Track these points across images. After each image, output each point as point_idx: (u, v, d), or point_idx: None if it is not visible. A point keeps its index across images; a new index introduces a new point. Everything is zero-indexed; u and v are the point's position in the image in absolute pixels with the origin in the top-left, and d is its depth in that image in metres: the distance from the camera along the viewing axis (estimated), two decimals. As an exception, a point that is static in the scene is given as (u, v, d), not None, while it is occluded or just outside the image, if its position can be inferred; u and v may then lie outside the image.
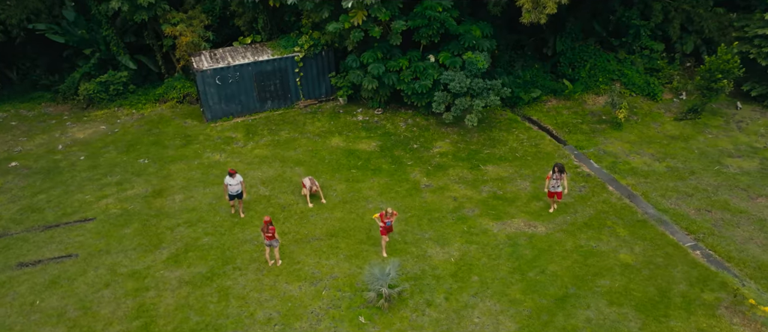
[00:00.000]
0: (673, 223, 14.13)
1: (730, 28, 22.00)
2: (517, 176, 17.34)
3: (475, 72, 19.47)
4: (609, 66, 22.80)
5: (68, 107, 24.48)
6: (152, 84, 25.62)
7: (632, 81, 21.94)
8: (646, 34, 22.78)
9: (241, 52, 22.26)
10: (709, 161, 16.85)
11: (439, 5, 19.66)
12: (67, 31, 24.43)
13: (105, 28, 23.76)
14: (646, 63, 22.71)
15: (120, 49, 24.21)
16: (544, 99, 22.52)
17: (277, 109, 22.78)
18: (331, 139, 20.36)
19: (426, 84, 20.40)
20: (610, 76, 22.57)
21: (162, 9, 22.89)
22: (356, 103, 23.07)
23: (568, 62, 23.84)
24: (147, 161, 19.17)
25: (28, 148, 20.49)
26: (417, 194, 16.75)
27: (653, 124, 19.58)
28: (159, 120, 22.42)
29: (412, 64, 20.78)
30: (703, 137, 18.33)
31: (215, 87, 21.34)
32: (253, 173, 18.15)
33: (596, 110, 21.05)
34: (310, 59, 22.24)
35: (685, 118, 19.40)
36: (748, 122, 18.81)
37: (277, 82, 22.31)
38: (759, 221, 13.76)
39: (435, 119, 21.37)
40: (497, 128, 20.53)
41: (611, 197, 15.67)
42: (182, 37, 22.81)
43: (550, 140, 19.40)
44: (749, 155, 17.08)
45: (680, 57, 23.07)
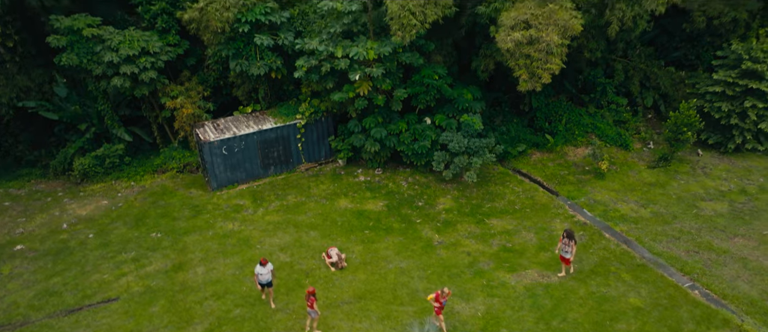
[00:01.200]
0: (669, 265, 15.91)
1: (681, 85, 25.11)
2: (521, 228, 18.82)
3: (472, 133, 21.19)
4: (582, 120, 25.24)
5: (60, 182, 24.12)
6: (146, 154, 25.72)
7: (605, 133, 24.40)
8: (612, 91, 25.55)
9: (244, 121, 23.05)
10: (687, 206, 19.06)
11: (435, 73, 21.46)
12: (60, 107, 24.39)
13: (101, 103, 23.95)
14: (614, 116, 25.35)
15: (114, 122, 24.36)
16: (529, 152, 24.52)
17: (279, 173, 23.50)
18: (338, 201, 21.24)
19: (425, 145, 21.88)
20: (585, 129, 24.97)
21: (161, 83, 23.47)
22: (355, 164, 24.17)
23: (544, 117, 26.14)
24: (160, 234, 19.29)
25: (31, 229, 20.07)
26: (432, 251, 17.83)
27: (631, 172, 21.85)
28: (162, 191, 22.55)
29: (411, 127, 22.27)
30: (677, 182, 20.68)
31: (221, 157, 21.90)
32: (269, 240, 18.68)
33: (578, 161, 23.19)
34: (310, 125, 23.30)
35: (657, 166, 21.80)
36: (710, 168, 21.41)
37: (280, 148, 23.15)
38: (741, 260, 15.77)
39: (433, 176, 22.76)
40: (493, 182, 22.15)
41: (610, 244, 17.38)
42: (183, 109, 23.40)
43: (543, 192, 21.17)
44: (718, 198, 19.47)
45: (642, 110, 25.93)
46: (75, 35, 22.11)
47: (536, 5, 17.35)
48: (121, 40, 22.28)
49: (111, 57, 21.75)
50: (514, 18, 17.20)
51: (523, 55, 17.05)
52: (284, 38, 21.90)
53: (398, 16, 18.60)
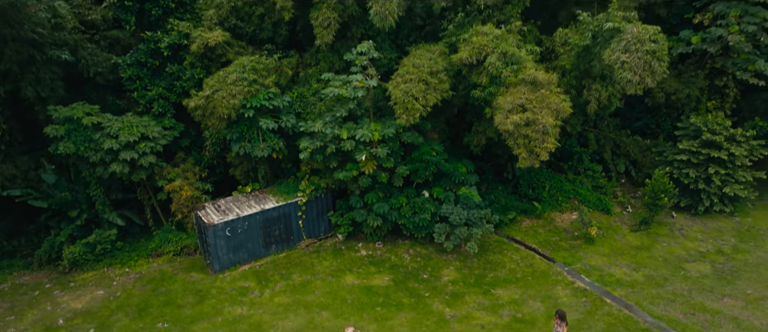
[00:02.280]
0: (671, 329, 17.07)
1: (648, 152, 27.64)
2: (527, 297, 19.67)
3: (470, 205, 22.32)
4: (564, 186, 27.06)
5: (46, 273, 23.02)
6: (136, 238, 25.12)
7: (587, 198, 26.22)
8: (587, 158, 27.71)
9: (245, 201, 23.22)
10: (674, 268, 20.65)
11: (433, 150, 22.74)
12: (48, 194, 23.72)
13: (93, 189, 23.53)
14: (591, 182, 27.35)
15: (106, 207, 23.86)
16: (519, 219, 25.85)
17: (281, 251, 23.51)
18: (344, 277, 21.46)
19: (425, 217, 22.74)
20: (567, 195, 26.73)
21: (159, 166, 23.47)
22: (355, 238, 24.58)
23: (527, 184, 27.80)
24: (166, 324, 18.73)
25: (22, 328, 18.95)
26: (446, 325, 18.26)
27: (617, 236, 23.47)
28: (161, 277, 21.99)
29: (411, 201, 23.17)
30: (660, 245, 22.40)
31: (225, 239, 21.81)
32: (282, 324, 18.54)
33: (567, 226, 24.66)
34: (311, 202, 23.72)
35: (639, 229, 23.58)
36: (686, 230, 23.38)
37: (282, 226, 23.32)
38: (734, 320, 17.19)
39: (434, 248, 23.48)
40: (491, 251, 23.11)
41: (612, 309, 18.46)
42: (182, 191, 23.35)
43: (540, 259, 22.30)
44: (699, 259, 21.24)
45: (615, 175, 28.15)
46: (73, 124, 22.01)
47: (528, 90, 19.15)
48: (120, 127, 22.39)
49: (111, 144, 21.74)
50: (511, 102, 18.86)
51: (521, 135, 18.58)
52: (286, 121, 22.70)
53: (402, 101, 19.93)
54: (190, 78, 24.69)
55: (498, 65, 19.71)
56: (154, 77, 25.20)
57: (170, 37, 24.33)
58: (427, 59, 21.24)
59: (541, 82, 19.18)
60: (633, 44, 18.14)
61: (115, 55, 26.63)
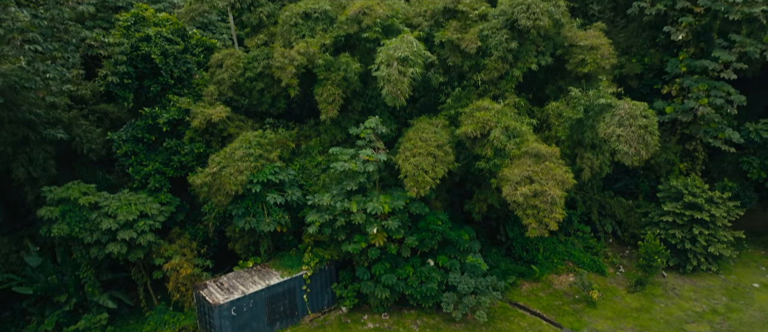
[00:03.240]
0: (688, 391, 17.57)
1: (631, 212, 29.16)
2: (542, 366, 19.79)
3: (478, 273, 22.63)
4: (557, 248, 27.91)
5: (28, 364, 21.24)
6: (126, 319, 23.71)
7: (581, 260, 27.10)
8: (576, 220, 28.87)
9: (249, 277, 22.59)
10: (676, 330, 21.44)
11: (438, 220, 23.17)
12: (32, 278, 22.27)
13: (83, 270, 22.31)
14: (582, 243, 28.38)
15: (96, 289, 22.58)
16: (518, 283, 26.28)
17: (286, 328, 22.73)
18: (355, 355, 20.93)
19: (432, 287, 22.79)
20: (561, 257, 27.53)
21: (156, 244, 22.67)
22: (359, 310, 24.14)
23: (521, 246, 28.51)
24: None
25: None
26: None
27: (615, 298, 24.23)
28: (161, 364, 20.72)
29: (417, 270, 23.24)
30: (658, 306, 23.28)
31: (230, 319, 20.97)
32: None
33: (566, 289, 25.26)
34: (315, 275, 23.34)
35: (635, 290, 24.48)
36: (678, 289, 24.49)
37: (286, 301, 22.71)
38: (745, 379, 17.92)
39: (441, 317, 23.37)
40: (498, 319, 23.25)
41: (628, 375, 18.85)
42: (181, 270, 22.51)
43: (547, 325, 22.60)
44: (698, 319, 22.19)
45: (603, 235, 29.38)
46: (68, 205, 21.10)
47: (533, 162, 20.16)
48: (118, 205, 21.67)
49: (109, 224, 20.94)
50: (518, 174, 19.75)
51: (530, 206, 19.35)
52: (291, 194, 22.66)
53: (413, 174, 20.45)
54: (189, 153, 24.42)
55: (502, 139, 20.73)
56: (149, 152, 24.77)
57: (169, 112, 24.20)
58: (432, 132, 22.07)
59: (544, 154, 20.26)
60: (626, 119, 19.64)
61: (104, 129, 26.15)
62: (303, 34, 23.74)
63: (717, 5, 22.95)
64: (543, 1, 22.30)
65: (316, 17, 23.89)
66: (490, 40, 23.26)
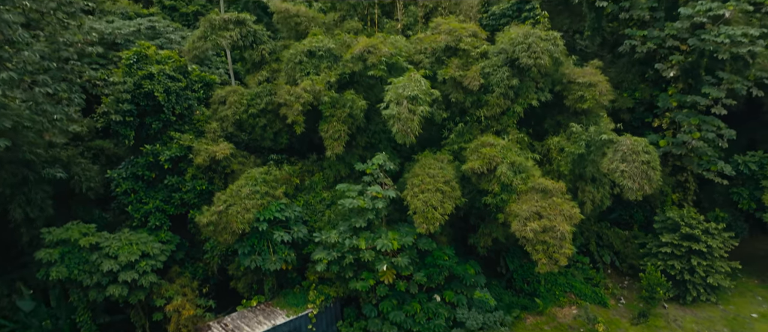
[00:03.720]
0: None
1: (628, 243, 29.67)
2: (556, 403, 19.64)
3: (486, 309, 22.56)
4: (558, 280, 28.07)
5: None
6: (121, 364, 22.85)
7: (583, 292, 27.29)
8: (575, 251, 29.18)
9: (253, 317, 22.07)
10: (684, 360, 21.66)
11: (445, 254, 23.17)
12: (25, 324, 21.38)
13: (80, 314, 21.52)
14: (582, 274, 28.63)
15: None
16: (522, 316, 26.26)
17: (291, 371, 22.17)
18: (364, 397, 20.45)
19: (440, 323, 22.60)
20: (563, 289, 27.68)
21: (157, 285, 22.06)
22: (365, 349, 23.73)
23: (522, 278, 28.58)
24: None
25: None
26: None
27: (619, 331, 24.39)
28: None
29: (424, 306, 23.05)
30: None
31: (236, 363, 20.38)
32: None
33: (570, 323, 25.32)
34: (321, 313, 22.93)
35: (639, 322, 24.70)
36: (680, 321, 24.81)
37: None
38: None
39: (448, 355, 23.12)
40: (506, 355, 23.12)
41: None
42: (183, 311, 21.88)
43: (556, 360, 22.57)
44: (703, 350, 22.50)
45: (602, 266, 29.72)
46: (68, 246, 20.46)
47: (540, 198, 20.47)
48: (119, 246, 21.12)
49: (111, 266, 20.36)
50: (527, 210, 20.00)
51: (540, 242, 19.56)
52: (297, 231, 22.41)
53: (422, 210, 20.50)
54: (191, 190, 24.06)
55: (509, 174, 21.04)
56: (149, 190, 24.33)
57: (171, 150, 23.91)
58: (439, 168, 22.26)
59: (551, 190, 20.61)
60: (629, 155, 20.20)
61: (100, 166, 25.65)
62: (307, 72, 23.94)
63: (706, 45, 24.08)
64: (542, 41, 23.06)
65: (320, 55, 24.15)
66: (492, 78, 23.84)
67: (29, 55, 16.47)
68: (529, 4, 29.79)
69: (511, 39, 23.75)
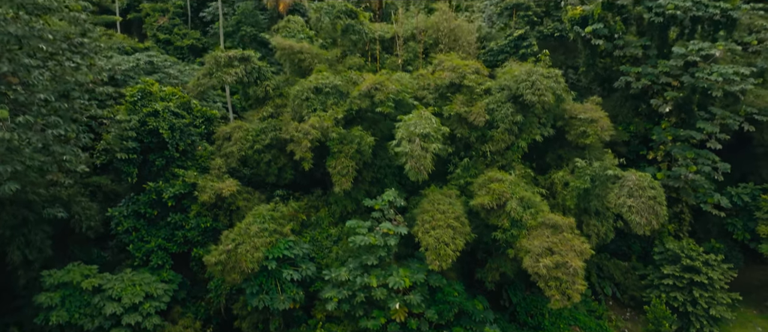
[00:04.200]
0: None
1: (628, 274, 29.98)
2: None
3: (497, 346, 22.38)
4: (563, 312, 28.01)
5: None
6: None
7: (587, 325, 27.30)
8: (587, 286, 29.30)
9: (261, 360, 21.45)
10: (695, 394, 21.69)
11: (455, 290, 23.04)
12: (20, 369, 20.35)
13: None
14: (584, 306, 28.71)
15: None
16: (530, 352, 26.11)
17: None
18: None
19: (451, 361, 22.33)
20: (567, 322, 27.66)
21: (160, 327, 21.33)
22: (374, 390, 23.17)
23: (525, 311, 28.50)
24: None
25: None
26: None
27: (629, 364, 24.44)
28: None
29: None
30: (671, 370, 23.59)
31: None
32: None
33: (578, 357, 25.27)
34: (329, 355, 22.43)
35: (646, 355, 24.84)
36: (687, 352, 25.05)
37: (301, 386, 21.58)
38: None
39: (459, 394, 22.73)
40: (517, 392, 22.84)
41: None
42: (189, 355, 21.16)
43: (567, 397, 22.36)
44: (712, 382, 22.60)
45: (603, 298, 29.90)
46: (69, 289, 19.73)
47: (551, 233, 20.65)
48: (122, 287, 20.48)
49: (114, 309, 19.66)
50: (539, 246, 20.13)
51: (553, 278, 19.62)
52: (306, 269, 22.07)
53: (434, 247, 20.44)
54: (194, 227, 23.62)
55: (518, 210, 21.23)
56: (151, 228, 23.82)
57: (175, 187, 23.54)
58: (448, 204, 22.32)
59: (561, 225, 20.83)
60: (636, 190, 20.64)
61: (98, 203, 25.03)
62: (315, 108, 24.02)
63: (699, 82, 25.07)
64: (545, 78, 23.68)
65: (327, 92, 24.31)
66: (496, 114, 24.27)
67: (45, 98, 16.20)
68: (526, 40, 30.66)
69: (515, 76, 24.33)
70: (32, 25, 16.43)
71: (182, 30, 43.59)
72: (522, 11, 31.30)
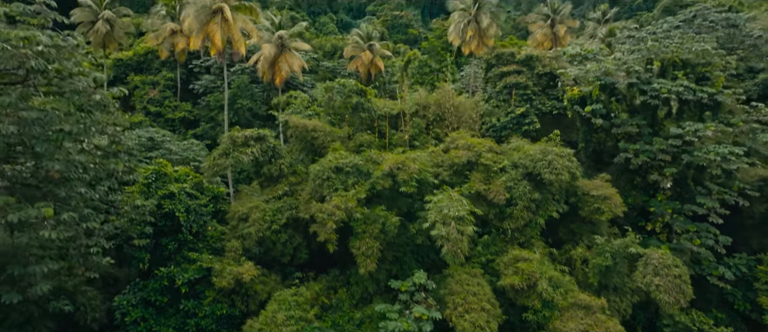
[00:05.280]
0: None
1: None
2: None
3: None
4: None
5: None
6: None
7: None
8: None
9: None
10: None
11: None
12: None
13: None
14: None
15: None
16: None
17: None
18: None
19: None
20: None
21: None
22: None
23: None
24: None
25: None
26: None
27: None
28: None
29: None
30: None
31: None
32: None
33: None
34: None
35: None
36: None
37: None
38: None
39: None
40: None
41: None
42: None
43: None
44: None
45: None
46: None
47: (584, 314, 20.66)
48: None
49: None
50: (575, 328, 20.03)
51: (592, 361, 19.44)
52: (332, 359, 20.95)
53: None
54: (209, 315, 22.18)
55: (549, 290, 21.24)
56: (160, 316, 22.21)
57: (189, 272, 22.28)
58: (477, 285, 22.09)
59: (593, 306, 20.94)
60: (661, 269, 21.15)
61: (96, 288, 23.23)
62: (336, 188, 23.79)
63: (697, 160, 26.67)
64: (560, 157, 24.60)
65: (347, 171, 24.23)
66: (514, 191, 24.78)
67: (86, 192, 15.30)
68: (527, 117, 32.02)
69: (530, 155, 25.15)
70: (84, 121, 15.85)
71: (173, 102, 43.02)
72: (520, 89, 32.90)
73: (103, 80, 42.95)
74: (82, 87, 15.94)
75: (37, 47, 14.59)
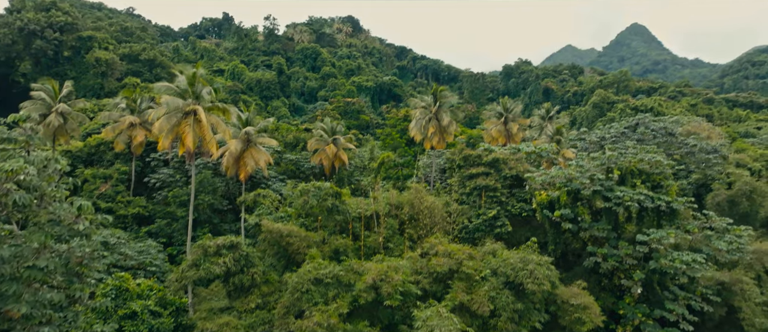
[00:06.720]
0: None
1: None
2: None
3: None
4: None
5: None
6: None
7: None
8: None
9: None
10: None
11: None
12: None
13: None
14: None
15: None
16: None
17: None
18: None
19: None
20: None
21: None
22: None
23: None
24: None
25: None
26: None
27: None
28: None
29: None
30: None
31: None
32: None
33: None
34: None
35: None
36: None
37: None
38: None
39: None
40: None
41: None
42: None
43: None
44: None
45: None
46: None
47: None
48: None
49: None
50: None
51: None
52: None
53: None
54: None
55: None
56: None
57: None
58: None
59: None
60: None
61: None
62: (315, 302, 22.42)
63: (665, 268, 27.70)
64: (540, 266, 24.73)
65: (327, 283, 23.04)
66: (498, 302, 24.36)
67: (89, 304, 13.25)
68: (499, 220, 32.48)
69: (510, 263, 25.13)
70: (59, 253, 14.15)
71: (126, 197, 40.34)
72: (490, 191, 33.62)
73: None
74: (63, 216, 14.45)
75: (18, 176, 13.26)
